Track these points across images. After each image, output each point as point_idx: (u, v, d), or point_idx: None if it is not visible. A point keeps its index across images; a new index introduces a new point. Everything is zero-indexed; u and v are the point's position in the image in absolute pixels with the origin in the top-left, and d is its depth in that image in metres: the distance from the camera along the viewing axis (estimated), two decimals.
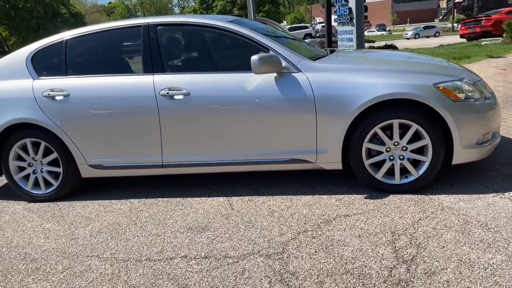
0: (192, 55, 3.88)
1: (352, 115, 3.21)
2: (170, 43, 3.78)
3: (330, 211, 3.15)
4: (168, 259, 2.70)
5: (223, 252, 2.72)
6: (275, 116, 3.35)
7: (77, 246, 3.00)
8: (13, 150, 3.80)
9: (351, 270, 2.40)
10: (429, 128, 3.18)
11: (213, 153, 3.52)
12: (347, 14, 16.85)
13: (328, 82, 3.27)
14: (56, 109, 3.63)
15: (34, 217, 3.56)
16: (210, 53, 3.75)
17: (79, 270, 2.66)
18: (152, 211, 3.45)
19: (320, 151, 3.37)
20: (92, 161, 3.71)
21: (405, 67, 3.49)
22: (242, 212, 3.28)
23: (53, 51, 3.80)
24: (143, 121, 3.52)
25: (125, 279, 2.52)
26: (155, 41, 3.57)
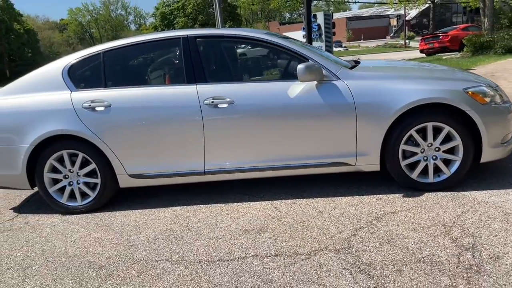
0: (233, 66, 4.02)
1: (390, 119, 3.45)
2: (211, 54, 3.91)
3: (376, 209, 3.35)
4: (240, 259, 2.80)
5: (291, 250, 2.85)
6: (317, 122, 3.54)
7: (140, 252, 3.04)
8: (48, 162, 3.78)
9: (422, 259, 2.60)
10: (460, 129, 3.46)
11: (256, 159, 3.66)
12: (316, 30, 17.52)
13: (367, 89, 3.50)
14: (96, 120, 3.67)
15: (78, 228, 3.56)
16: (250, 63, 3.90)
17: (155, 273, 2.72)
18: (200, 217, 3.54)
19: (359, 154, 3.58)
20: (132, 171, 3.75)
21: (434, 74, 3.78)
22: (291, 214, 3.43)
23: (90, 63, 3.85)
24: (186, 129, 3.62)
25: (206, 278, 2.61)
26: (195, 52, 3.69)
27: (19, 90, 3.87)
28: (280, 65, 3.78)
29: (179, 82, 3.74)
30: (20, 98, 3.81)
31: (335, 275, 2.51)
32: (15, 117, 3.77)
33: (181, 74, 3.71)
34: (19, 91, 3.87)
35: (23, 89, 3.86)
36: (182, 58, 3.70)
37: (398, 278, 2.42)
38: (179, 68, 3.76)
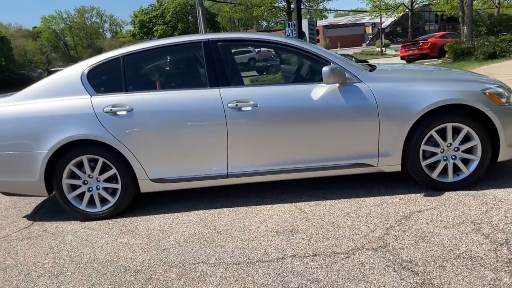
0: (255, 69, 4.05)
1: (412, 120, 3.53)
2: (232, 58, 3.92)
3: (402, 209, 3.42)
4: (279, 259, 2.82)
5: (328, 250, 2.88)
6: (340, 124, 3.60)
7: (174, 255, 3.02)
8: (67, 168, 3.72)
9: (461, 254, 2.66)
10: (478, 130, 3.56)
11: (279, 161, 3.69)
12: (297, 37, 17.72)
13: (389, 91, 3.58)
14: (118, 125, 3.63)
15: (102, 235, 3.51)
16: (273, 66, 3.93)
17: (196, 276, 2.71)
18: (226, 220, 3.54)
19: (382, 155, 3.64)
20: (154, 175, 3.73)
21: (451, 76, 3.89)
22: (318, 215, 3.46)
23: (109, 67, 3.81)
24: (210, 132, 3.62)
25: (250, 279, 2.61)
26: (217, 56, 3.71)
27: (36, 95, 3.80)
28: (303, 69, 3.83)
29: (201, 85, 3.74)
30: (38, 103, 3.75)
31: (379, 273, 2.54)
32: (32, 122, 3.70)
33: (203, 77, 3.71)
34: (36, 96, 3.80)
35: (40, 94, 3.80)
36: (204, 62, 3.71)
37: (442, 273, 2.47)
38: (201, 72, 3.76)
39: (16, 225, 3.95)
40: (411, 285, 2.38)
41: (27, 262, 3.15)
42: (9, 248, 3.42)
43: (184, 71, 3.99)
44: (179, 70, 4.02)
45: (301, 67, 3.91)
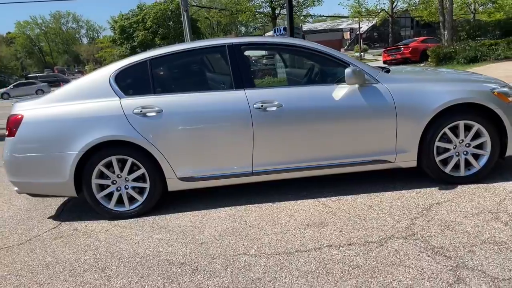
0: (279, 71, 4.23)
1: (427, 118, 3.77)
2: (256, 61, 4.10)
3: (421, 201, 3.64)
4: (316, 249, 2.99)
5: (361, 240, 3.08)
6: (360, 122, 3.81)
7: (213, 248, 3.17)
8: (97, 168, 3.83)
9: (486, 240, 2.89)
10: (488, 127, 3.82)
11: (302, 158, 3.87)
12: None
13: (405, 91, 3.81)
14: (148, 125, 3.76)
15: (136, 232, 3.62)
16: (295, 68, 4.12)
17: (241, 266, 2.86)
18: (254, 216, 3.70)
19: (399, 151, 3.87)
20: (182, 174, 3.87)
21: (462, 77, 4.15)
22: (342, 209, 3.66)
23: (136, 70, 3.94)
24: (236, 132, 3.79)
25: (294, 267, 2.78)
26: (243, 59, 3.88)
27: (65, 98, 3.90)
28: (323, 70, 4.04)
29: (226, 87, 3.90)
30: (67, 106, 3.85)
31: (414, 258, 2.75)
32: (63, 124, 3.79)
33: (229, 80, 3.87)
34: (64, 99, 3.90)
35: (69, 97, 3.90)
36: (229, 64, 3.87)
37: (473, 257, 2.69)
38: (226, 74, 3.92)
39: (44, 225, 4.02)
40: (447, 268, 2.59)
41: (68, 259, 3.24)
42: (45, 247, 3.51)
43: (209, 73, 4.15)
44: (204, 72, 4.17)
45: (323, 69, 4.11)
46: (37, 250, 3.47)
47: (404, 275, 2.56)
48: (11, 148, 3.86)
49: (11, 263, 3.26)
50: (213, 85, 4.04)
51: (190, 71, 4.10)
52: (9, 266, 3.22)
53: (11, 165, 3.92)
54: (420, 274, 2.56)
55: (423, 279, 2.50)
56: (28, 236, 3.78)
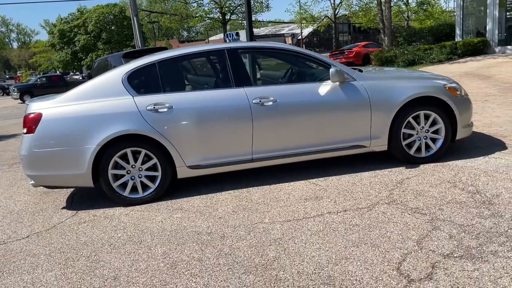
0: (272, 71, 4.88)
1: (395, 109, 4.57)
2: (253, 62, 4.73)
3: (393, 177, 4.43)
4: (319, 215, 3.67)
5: (353, 207, 3.79)
6: (341, 114, 4.54)
7: (233, 220, 3.75)
8: (113, 160, 4.30)
9: (450, 201, 3.70)
10: (442, 116, 4.69)
11: (294, 146, 4.55)
12: None
13: (378, 87, 4.60)
14: (160, 120, 4.28)
15: (155, 213, 4.13)
16: (285, 69, 4.80)
17: (261, 230, 3.48)
18: (257, 196, 4.32)
19: (373, 138, 4.65)
20: (190, 163, 4.42)
21: (420, 75, 5.01)
22: (331, 186, 4.37)
23: (146, 71, 4.45)
24: (238, 124, 4.39)
25: (306, 228, 3.43)
26: (240, 61, 4.51)
27: (80, 97, 4.32)
28: (310, 71, 4.75)
29: (227, 86, 4.49)
30: (83, 104, 4.28)
31: (399, 216, 3.49)
32: (81, 121, 4.22)
33: (229, 79, 4.47)
34: (80, 98, 4.32)
35: (84, 97, 4.33)
36: (228, 66, 4.48)
37: (443, 213, 3.48)
38: (226, 74, 4.52)
39: (61, 214, 4.41)
40: (425, 221, 3.35)
41: (102, 238, 3.70)
42: (73, 230, 3.92)
43: (211, 74, 4.72)
44: (207, 73, 4.73)
45: (309, 69, 4.82)
46: (68, 233, 3.88)
47: (394, 228, 3.29)
48: (31, 144, 4.23)
49: (49, 244, 3.67)
50: (215, 84, 4.62)
51: (195, 72, 4.65)
52: (49, 246, 3.62)
53: (30, 159, 4.28)
54: (406, 226, 3.30)
55: (409, 229, 3.24)
56: (50, 223, 4.16)
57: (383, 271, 2.69)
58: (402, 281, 2.57)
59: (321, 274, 2.74)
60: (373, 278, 2.62)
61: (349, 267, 2.78)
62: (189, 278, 2.86)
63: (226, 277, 2.82)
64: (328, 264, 2.84)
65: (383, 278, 2.62)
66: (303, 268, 2.83)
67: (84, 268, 3.16)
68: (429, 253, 2.86)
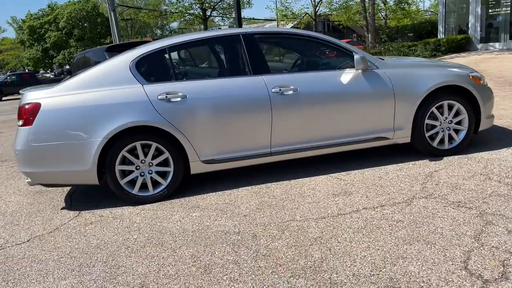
0: (292, 58, 4.56)
1: (420, 98, 4.34)
2: (271, 49, 4.40)
3: (420, 170, 4.19)
4: (355, 212, 3.39)
5: (389, 202, 3.53)
6: (364, 103, 4.28)
7: (262, 219, 3.43)
8: (120, 154, 3.91)
9: (491, 194, 3.48)
10: (466, 105, 4.49)
11: (315, 138, 4.25)
12: None
13: (401, 75, 4.35)
14: (173, 111, 3.92)
15: (171, 212, 3.76)
16: (305, 56, 4.49)
17: (296, 229, 3.17)
18: (279, 191, 4.01)
19: (396, 129, 4.40)
20: (205, 157, 4.07)
21: (443, 64, 4.78)
22: (357, 181, 4.09)
23: (156, 57, 4.07)
24: (256, 115, 4.07)
25: (345, 226, 3.14)
26: (257, 47, 4.18)
27: (83, 86, 3.92)
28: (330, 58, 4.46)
29: (244, 74, 4.16)
30: (87, 93, 3.87)
31: (443, 211, 3.24)
32: (84, 111, 3.81)
33: (246, 66, 4.14)
34: (82, 87, 3.91)
35: (87, 85, 3.92)
36: (245, 52, 4.14)
37: (489, 206, 3.25)
38: (243, 61, 4.18)
39: (62, 215, 3.99)
40: (474, 216, 3.11)
41: (116, 240, 3.31)
42: (80, 232, 3.52)
43: (226, 60, 4.37)
44: (221, 60, 4.38)
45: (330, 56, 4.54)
46: (74, 235, 3.48)
47: (443, 223, 3.03)
48: (28, 137, 3.80)
49: (55, 248, 3.26)
50: (231, 72, 4.27)
51: (208, 58, 4.30)
52: (56, 251, 3.22)
53: (26, 155, 3.85)
54: (455, 221, 3.05)
55: (460, 225, 2.99)
56: (52, 226, 3.75)
57: (450, 271, 2.42)
58: (476, 282, 2.30)
59: (381, 276, 2.45)
60: (442, 280, 2.35)
61: (410, 267, 2.50)
62: (230, 283, 2.53)
63: (273, 282, 2.50)
64: (385, 265, 2.55)
65: (453, 279, 2.35)
66: (358, 270, 2.53)
67: (103, 275, 2.78)
68: (493, 250, 2.61)
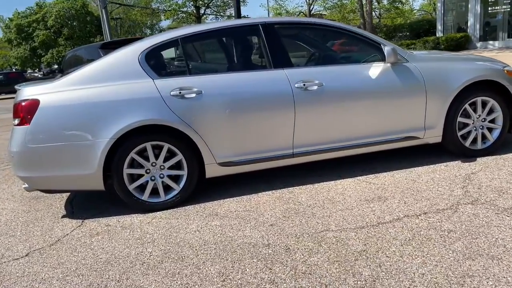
0: (316, 50, 4.18)
1: (453, 94, 4.00)
2: (293, 40, 4.03)
3: (456, 172, 3.85)
4: (396, 220, 3.03)
5: (431, 209, 3.17)
6: (394, 100, 3.92)
7: (289, 228, 3.05)
8: (129, 156, 3.51)
9: None
10: (500, 102, 4.15)
11: (340, 138, 3.89)
12: None
13: (433, 69, 4.00)
14: (187, 108, 3.53)
15: (186, 222, 3.37)
16: (330, 48, 4.12)
17: (334, 241, 2.80)
18: (305, 197, 3.63)
19: (427, 128, 4.05)
20: (222, 159, 3.68)
21: (476, 57, 4.44)
22: (388, 184, 3.73)
23: (167, 49, 3.68)
24: (278, 113, 3.69)
25: (390, 237, 2.78)
26: (278, 38, 3.80)
27: (86, 81, 3.51)
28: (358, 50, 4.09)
29: (264, 67, 3.78)
30: (91, 88, 3.47)
31: (497, 219, 2.89)
32: (89, 109, 3.41)
33: (266, 59, 3.76)
34: (86, 81, 3.51)
35: (91, 79, 3.52)
36: (265, 44, 3.76)
37: None
38: (262, 54, 3.80)
39: (63, 225, 3.58)
40: None
41: (128, 254, 2.92)
42: (86, 245, 3.12)
43: (244, 53, 3.98)
44: (239, 52, 3.99)
45: (357, 49, 4.17)
46: (79, 248, 3.07)
47: (501, 233, 2.68)
48: (25, 138, 3.39)
49: (59, 265, 2.85)
50: (249, 65, 3.88)
51: (224, 51, 3.91)
52: (61, 267, 2.81)
53: (23, 157, 3.44)
54: None
55: None
56: (53, 237, 3.34)
57: None
58: None
59: None
60: None
61: None
62: None
63: None
64: (451, 285, 2.19)
65: None
66: None
67: None
68: None
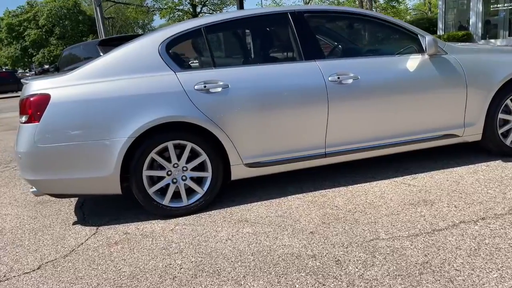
0: (350, 41, 3.87)
1: (495, 88, 3.72)
2: (325, 30, 3.72)
3: (500, 173, 3.57)
4: (453, 226, 2.73)
5: (488, 213, 2.88)
6: (434, 94, 3.63)
7: (332, 237, 2.75)
8: (149, 157, 3.18)
9: None
10: None
11: (376, 136, 3.59)
12: None
13: (473, 61, 3.71)
14: (213, 104, 3.21)
15: (215, 228, 3.05)
16: (366, 39, 3.81)
17: (389, 251, 2.50)
18: (341, 200, 3.33)
19: (467, 125, 3.76)
20: (249, 160, 3.37)
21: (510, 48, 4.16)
22: (430, 187, 3.44)
23: (189, 40, 3.35)
24: (310, 108, 3.39)
25: (450, 245, 2.48)
26: (308, 28, 3.49)
27: (101, 74, 3.18)
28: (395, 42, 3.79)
29: (294, 59, 3.47)
30: (107, 82, 3.13)
31: None
32: (105, 105, 3.08)
33: (297, 50, 3.45)
34: (101, 74, 3.17)
35: (106, 72, 3.18)
36: (295, 34, 3.45)
37: None
38: (292, 44, 3.49)
39: (76, 232, 3.24)
40: None
41: (155, 267, 2.59)
42: (105, 256, 2.79)
43: (272, 44, 3.67)
44: (267, 43, 3.67)
45: (393, 40, 3.86)
46: (98, 260, 2.74)
47: None
48: (35, 137, 3.04)
49: (77, 279, 2.51)
50: (278, 57, 3.57)
51: (252, 41, 3.58)
52: (80, 282, 2.47)
53: (32, 158, 3.09)
54: None
55: None
56: (67, 247, 3.00)
57: None
58: None
59: None
60: None
61: None
62: None
63: None
64: None
65: None
66: None
67: None
68: None
